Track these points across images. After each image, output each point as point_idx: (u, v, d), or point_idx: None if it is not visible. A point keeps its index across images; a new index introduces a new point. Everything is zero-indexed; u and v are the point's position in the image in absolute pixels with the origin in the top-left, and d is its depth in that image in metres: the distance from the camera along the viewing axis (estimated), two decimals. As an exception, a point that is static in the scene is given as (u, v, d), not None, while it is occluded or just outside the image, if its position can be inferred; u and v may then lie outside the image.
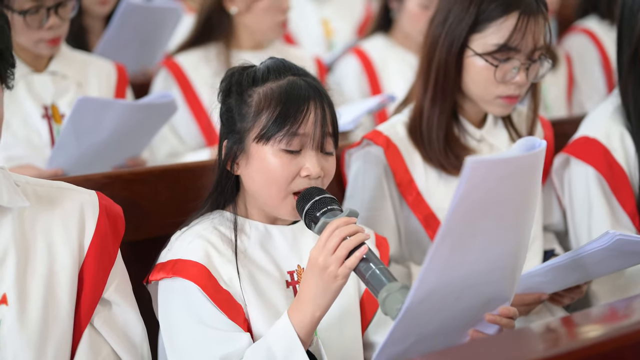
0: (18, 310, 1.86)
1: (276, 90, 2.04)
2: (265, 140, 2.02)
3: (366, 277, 1.87)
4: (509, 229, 1.83)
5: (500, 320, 1.97)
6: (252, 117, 2.04)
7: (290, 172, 2.02)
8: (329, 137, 2.05)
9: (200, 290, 1.99)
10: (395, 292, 1.81)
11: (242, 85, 2.08)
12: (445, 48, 2.46)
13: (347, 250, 1.87)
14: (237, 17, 3.55)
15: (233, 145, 2.07)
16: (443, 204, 2.49)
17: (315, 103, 2.03)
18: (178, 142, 3.50)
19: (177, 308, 2.02)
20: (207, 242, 2.05)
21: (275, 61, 2.11)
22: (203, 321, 1.99)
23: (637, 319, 1.85)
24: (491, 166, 1.67)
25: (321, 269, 1.88)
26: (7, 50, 1.85)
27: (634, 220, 2.63)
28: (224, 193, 2.12)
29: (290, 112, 2.01)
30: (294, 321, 1.92)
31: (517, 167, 1.74)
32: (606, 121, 2.68)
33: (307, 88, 2.04)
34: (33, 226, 1.92)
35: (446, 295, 1.81)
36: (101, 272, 1.97)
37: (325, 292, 1.90)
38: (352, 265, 1.87)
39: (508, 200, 1.76)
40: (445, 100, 2.49)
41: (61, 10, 2.87)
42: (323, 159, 2.05)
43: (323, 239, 1.90)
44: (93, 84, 3.11)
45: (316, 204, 1.98)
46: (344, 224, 1.90)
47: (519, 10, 2.40)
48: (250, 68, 2.11)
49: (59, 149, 2.81)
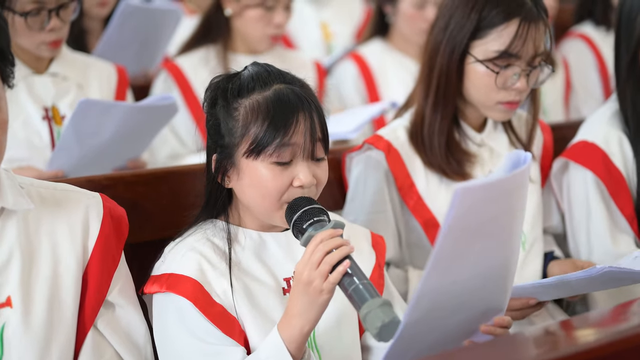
0: (23, 313, 1.86)
1: (262, 103, 1.99)
2: (255, 155, 1.99)
3: (349, 292, 1.84)
4: (499, 244, 1.84)
5: (494, 331, 1.98)
6: (239, 131, 2.00)
7: (282, 183, 1.99)
8: (319, 142, 2.02)
9: (193, 306, 1.98)
10: (375, 308, 1.78)
11: (227, 98, 2.04)
12: (447, 54, 2.47)
13: (330, 265, 1.85)
14: (232, 20, 3.57)
15: (222, 159, 2.04)
16: (444, 208, 2.49)
17: (303, 113, 1.99)
18: (178, 143, 3.50)
19: (170, 323, 2.01)
20: (200, 255, 2.04)
21: (259, 69, 2.06)
22: (197, 336, 1.98)
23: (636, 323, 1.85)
24: (480, 191, 1.68)
25: (306, 283, 1.87)
26: (7, 49, 1.84)
27: (632, 224, 2.64)
28: (217, 204, 2.11)
29: (279, 125, 1.97)
30: (284, 336, 1.91)
31: (504, 187, 1.75)
32: (605, 126, 2.69)
33: (294, 97, 2.00)
34: (37, 228, 1.93)
35: (441, 313, 1.82)
36: (105, 274, 1.97)
37: (311, 306, 1.88)
38: (336, 280, 1.85)
39: (497, 218, 1.77)
40: (446, 106, 2.50)
41: (62, 12, 2.87)
42: (315, 166, 2.02)
43: (307, 252, 1.88)
44: (94, 85, 3.11)
45: (304, 214, 1.95)
46: (329, 237, 1.87)
47: (520, 17, 2.41)
48: (235, 77, 2.07)
49: (60, 150, 2.81)
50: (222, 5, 3.56)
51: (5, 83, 1.85)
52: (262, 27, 3.53)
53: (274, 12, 3.53)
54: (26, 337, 1.86)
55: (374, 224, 2.47)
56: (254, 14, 3.52)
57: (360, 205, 2.53)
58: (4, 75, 1.84)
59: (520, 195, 1.83)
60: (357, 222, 2.42)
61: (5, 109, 1.82)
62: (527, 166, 1.79)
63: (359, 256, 2.14)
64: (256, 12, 3.51)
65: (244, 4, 3.52)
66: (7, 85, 1.85)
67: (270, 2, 3.52)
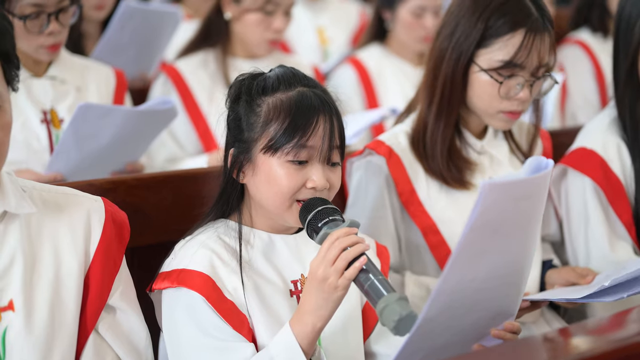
0: (25, 316, 1.86)
1: (286, 102, 2.03)
2: (272, 151, 2.02)
3: (365, 288, 1.87)
4: (517, 246, 1.87)
5: (504, 335, 2.00)
6: (260, 127, 2.04)
7: (296, 183, 2.02)
8: (336, 149, 2.05)
9: (204, 301, 1.99)
10: (392, 303, 1.81)
11: (252, 94, 2.07)
12: (452, 62, 2.46)
13: (346, 262, 1.88)
14: (231, 24, 3.57)
15: (239, 154, 2.07)
16: (444, 215, 2.51)
17: (324, 116, 2.03)
18: (176, 147, 3.50)
19: (181, 318, 2.02)
20: (212, 251, 2.06)
21: (285, 70, 2.10)
22: (207, 331, 1.99)
23: (634, 331, 1.87)
24: (505, 188, 1.72)
25: (321, 280, 1.89)
26: (12, 52, 1.85)
27: (630, 231, 2.65)
28: (229, 201, 2.12)
29: (299, 124, 2.01)
30: (296, 332, 1.93)
31: (528, 188, 1.79)
32: (603, 133, 2.70)
33: (316, 100, 2.04)
34: (40, 232, 1.93)
35: (457, 311, 1.84)
36: (107, 278, 1.98)
37: (326, 303, 1.90)
38: (352, 276, 1.87)
39: (517, 219, 1.81)
40: (450, 114, 2.50)
41: (62, 16, 2.86)
42: (329, 171, 2.05)
43: (323, 249, 1.90)
44: (92, 89, 3.10)
45: (318, 214, 1.98)
46: (345, 235, 1.90)
47: (526, 28, 2.40)
48: (260, 76, 2.10)
49: (59, 154, 2.80)
50: (222, 9, 3.56)
51: (10, 86, 1.85)
52: (261, 31, 3.54)
53: (273, 17, 3.53)
54: (28, 341, 1.86)
55: (374, 229, 2.49)
56: (254, 18, 3.52)
57: (360, 210, 2.54)
58: (8, 78, 1.84)
59: (540, 198, 1.86)
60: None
61: (10, 112, 1.83)
62: (549, 170, 1.82)
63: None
64: (256, 17, 3.52)
65: (244, 8, 3.52)
66: (12, 88, 1.86)
67: (270, 6, 3.52)
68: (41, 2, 2.80)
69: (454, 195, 2.51)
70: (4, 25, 1.83)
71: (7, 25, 1.84)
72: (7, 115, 1.82)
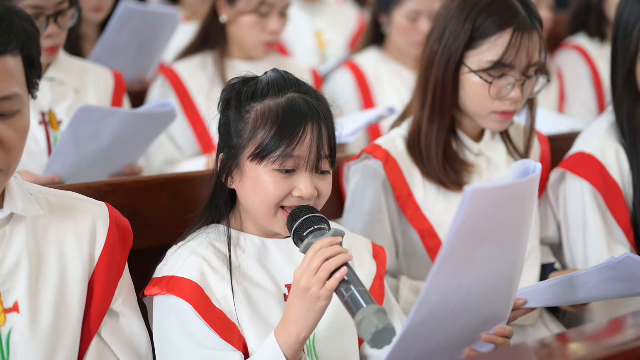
0: (29, 318, 1.86)
1: (274, 109, 2.01)
2: (259, 159, 2.00)
3: (345, 299, 1.85)
4: (506, 251, 1.85)
5: (496, 340, 1.99)
6: (248, 134, 2.02)
7: (282, 191, 2.01)
8: (326, 158, 2.03)
9: (193, 310, 1.99)
10: (370, 315, 1.79)
11: (241, 100, 2.05)
12: (442, 65, 2.47)
13: (328, 272, 1.86)
14: (228, 26, 3.57)
15: (228, 159, 2.06)
16: (442, 218, 2.51)
17: (312, 124, 2.00)
18: (175, 149, 3.50)
19: (170, 326, 2.02)
20: (202, 259, 2.05)
21: (277, 75, 2.07)
22: (195, 340, 1.98)
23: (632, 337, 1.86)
24: (490, 193, 1.70)
25: (304, 290, 1.88)
26: (37, 59, 1.85)
27: (629, 236, 2.65)
28: (219, 205, 2.12)
29: (285, 133, 1.98)
30: (281, 341, 1.92)
31: (514, 192, 1.77)
32: (601, 138, 2.70)
33: (305, 108, 2.01)
34: (46, 235, 1.93)
35: (445, 317, 1.83)
36: (110, 283, 1.98)
37: (309, 313, 1.89)
38: (333, 287, 1.86)
39: (505, 224, 1.79)
40: (443, 117, 2.50)
41: (61, 18, 2.86)
42: (318, 179, 2.03)
43: (307, 259, 1.89)
44: (91, 91, 3.10)
45: (304, 222, 1.96)
46: (328, 245, 1.89)
47: (514, 27, 2.41)
48: (252, 81, 2.08)
49: (57, 156, 2.80)
50: (218, 12, 3.56)
51: (30, 93, 1.85)
52: (256, 33, 3.54)
53: (268, 19, 3.54)
54: (32, 343, 1.86)
55: (372, 233, 2.49)
56: (248, 21, 3.53)
57: (358, 214, 2.54)
58: (29, 85, 1.84)
59: (529, 203, 1.84)
60: (355, 232, 2.43)
61: (28, 117, 1.82)
62: (537, 174, 1.81)
63: (360, 267, 2.16)
64: (250, 19, 3.52)
65: (239, 11, 3.53)
66: (32, 96, 1.85)
67: (264, 8, 3.52)
68: (40, 4, 2.80)
69: (451, 199, 2.52)
70: (32, 30, 1.84)
71: (34, 31, 1.84)
72: (25, 121, 1.82)
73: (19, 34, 1.79)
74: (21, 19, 1.81)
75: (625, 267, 2.14)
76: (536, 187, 1.85)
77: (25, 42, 1.80)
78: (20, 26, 1.80)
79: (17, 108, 1.79)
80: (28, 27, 1.82)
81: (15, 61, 1.78)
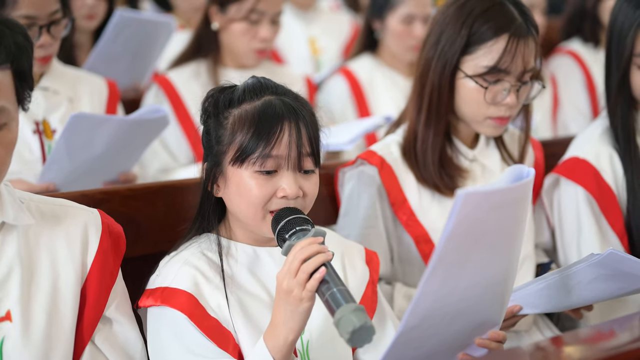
0: (22, 327, 1.86)
1: (250, 112, 2.02)
2: (240, 162, 2.01)
3: (325, 298, 1.84)
4: (499, 256, 1.85)
5: (489, 344, 1.99)
6: (227, 139, 2.03)
7: (266, 193, 2.00)
8: (308, 156, 2.03)
9: (187, 320, 1.99)
10: (349, 314, 1.77)
11: (219, 107, 2.06)
12: (438, 70, 2.48)
13: (307, 274, 1.85)
14: (220, 34, 3.58)
15: (212, 167, 2.06)
16: (436, 224, 2.51)
17: (289, 123, 2.00)
18: (169, 157, 3.50)
19: (165, 337, 2.01)
20: (195, 269, 2.05)
21: (253, 81, 2.09)
22: (191, 350, 1.98)
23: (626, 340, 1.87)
24: (482, 197, 1.69)
25: (286, 292, 1.88)
26: (28, 71, 1.84)
27: (623, 241, 2.65)
28: (208, 215, 2.12)
29: (262, 133, 1.99)
30: (270, 346, 1.92)
31: (507, 197, 1.76)
32: (595, 143, 2.71)
33: (281, 108, 2.01)
34: (37, 243, 1.93)
35: (438, 321, 1.83)
36: (103, 289, 1.98)
37: (293, 315, 1.88)
38: (313, 288, 1.85)
39: (498, 229, 1.79)
40: (439, 122, 2.51)
41: (53, 28, 2.86)
42: (302, 178, 2.03)
43: (288, 261, 1.89)
44: (84, 99, 3.10)
45: (287, 224, 1.96)
46: (307, 245, 1.88)
47: (509, 33, 2.42)
48: (229, 89, 2.09)
49: (51, 164, 2.80)
50: (210, 19, 3.57)
51: (20, 105, 1.84)
52: (247, 41, 3.54)
53: (259, 26, 3.54)
54: (25, 351, 1.86)
55: (367, 239, 2.49)
56: (239, 28, 3.53)
57: (353, 220, 2.54)
58: (20, 97, 1.83)
59: (522, 207, 1.84)
60: (350, 237, 2.43)
61: (15, 131, 1.82)
62: (530, 179, 1.81)
63: (353, 273, 2.16)
64: (241, 26, 3.53)
65: (229, 18, 3.53)
66: (22, 108, 1.85)
67: (254, 16, 3.52)
68: (33, 14, 2.80)
69: (446, 204, 2.52)
70: (23, 43, 1.82)
71: (26, 44, 1.83)
72: (12, 134, 1.81)
73: (8, 46, 1.78)
74: (13, 31, 1.80)
75: (612, 264, 2.13)
76: (529, 191, 1.85)
77: (15, 55, 1.79)
78: (10, 39, 1.78)
79: (4, 121, 1.78)
80: (20, 39, 1.81)
81: (4, 75, 1.78)
